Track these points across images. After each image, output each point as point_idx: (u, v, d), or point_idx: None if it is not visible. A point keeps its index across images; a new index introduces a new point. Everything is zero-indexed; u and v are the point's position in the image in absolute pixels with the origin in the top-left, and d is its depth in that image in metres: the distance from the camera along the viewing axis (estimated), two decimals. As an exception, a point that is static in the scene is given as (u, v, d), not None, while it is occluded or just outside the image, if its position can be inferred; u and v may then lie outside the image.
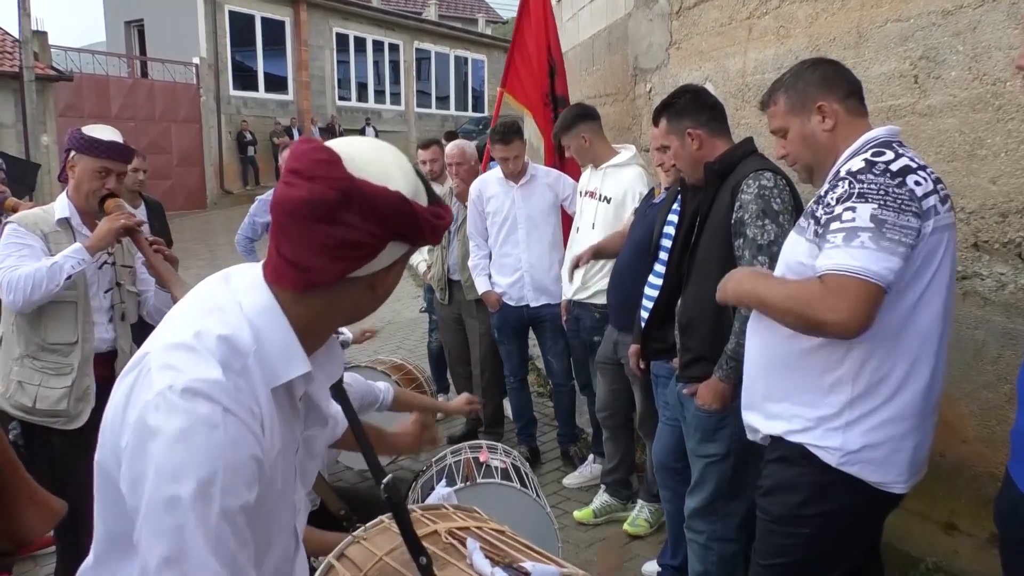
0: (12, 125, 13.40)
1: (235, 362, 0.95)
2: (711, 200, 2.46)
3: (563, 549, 3.35)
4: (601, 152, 3.71)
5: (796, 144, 1.93)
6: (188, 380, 0.90)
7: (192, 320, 0.99)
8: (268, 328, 0.99)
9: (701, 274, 2.46)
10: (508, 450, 3.09)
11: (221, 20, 17.79)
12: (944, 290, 1.75)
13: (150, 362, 0.95)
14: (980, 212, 2.54)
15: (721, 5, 3.70)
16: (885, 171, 1.68)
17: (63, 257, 2.51)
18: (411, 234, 1.00)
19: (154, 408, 0.90)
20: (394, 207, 0.97)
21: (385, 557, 1.55)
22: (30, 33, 12.94)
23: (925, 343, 1.75)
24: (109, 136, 2.63)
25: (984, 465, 2.60)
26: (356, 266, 0.98)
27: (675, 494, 2.86)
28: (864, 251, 1.61)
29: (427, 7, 26.97)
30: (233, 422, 0.90)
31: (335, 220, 0.95)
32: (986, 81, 2.48)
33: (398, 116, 22.65)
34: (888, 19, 2.80)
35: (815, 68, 1.93)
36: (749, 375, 2.02)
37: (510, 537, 1.68)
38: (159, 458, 0.87)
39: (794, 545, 1.89)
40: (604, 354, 3.51)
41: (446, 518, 1.73)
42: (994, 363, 2.54)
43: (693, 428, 2.55)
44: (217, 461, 0.88)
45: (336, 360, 1.16)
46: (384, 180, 0.98)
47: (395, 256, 1.02)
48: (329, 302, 1.03)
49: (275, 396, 1.00)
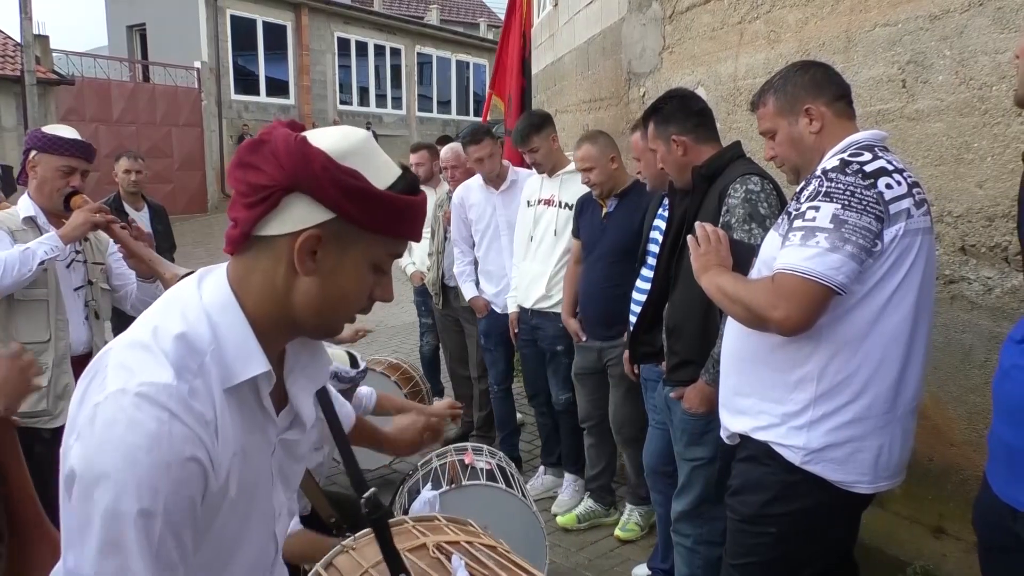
0: (13, 129, 13.44)
1: (191, 361, 0.94)
2: (699, 204, 2.47)
3: (554, 553, 3.36)
4: (559, 159, 3.71)
5: (784, 146, 1.95)
6: (138, 384, 0.90)
7: (155, 316, 0.98)
8: (226, 324, 0.98)
9: (688, 278, 2.45)
10: (493, 451, 3.09)
11: (223, 24, 17.83)
12: (916, 293, 1.75)
13: (108, 360, 0.95)
14: (967, 216, 2.55)
15: (713, 10, 3.71)
16: (858, 171, 1.70)
17: (36, 243, 2.49)
18: (317, 191, 0.94)
19: (103, 412, 0.89)
20: (292, 150, 0.93)
21: (371, 569, 1.53)
22: (32, 37, 12.98)
23: (892, 345, 1.76)
24: (71, 135, 2.64)
25: (972, 469, 2.59)
26: (257, 214, 0.95)
27: (666, 498, 2.86)
28: (816, 251, 1.64)
29: (429, 12, 27.02)
30: (179, 428, 0.89)
31: (246, 163, 0.95)
32: (973, 85, 2.49)
33: (399, 120, 22.69)
34: (876, 24, 2.81)
35: (804, 71, 1.94)
36: (723, 370, 2.04)
37: (501, 554, 1.65)
38: (103, 474, 0.87)
39: (762, 544, 1.90)
40: (584, 365, 3.51)
41: (438, 531, 1.71)
42: (981, 367, 2.54)
43: (680, 432, 2.55)
44: (160, 479, 0.87)
45: (320, 365, 1.15)
46: (316, 138, 0.96)
47: (309, 220, 0.95)
48: (267, 282, 0.99)
49: (236, 396, 0.98)
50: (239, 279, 1.01)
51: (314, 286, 0.98)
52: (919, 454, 2.78)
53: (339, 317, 1.05)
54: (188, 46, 17.34)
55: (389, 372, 4.38)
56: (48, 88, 13.94)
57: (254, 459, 1.03)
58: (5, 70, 13.46)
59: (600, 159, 3.22)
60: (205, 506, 0.94)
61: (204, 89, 17.40)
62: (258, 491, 1.05)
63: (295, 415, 1.11)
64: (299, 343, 1.11)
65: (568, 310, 3.50)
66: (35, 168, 2.59)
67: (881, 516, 2.85)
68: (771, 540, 1.87)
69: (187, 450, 0.90)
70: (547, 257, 3.65)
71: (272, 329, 1.02)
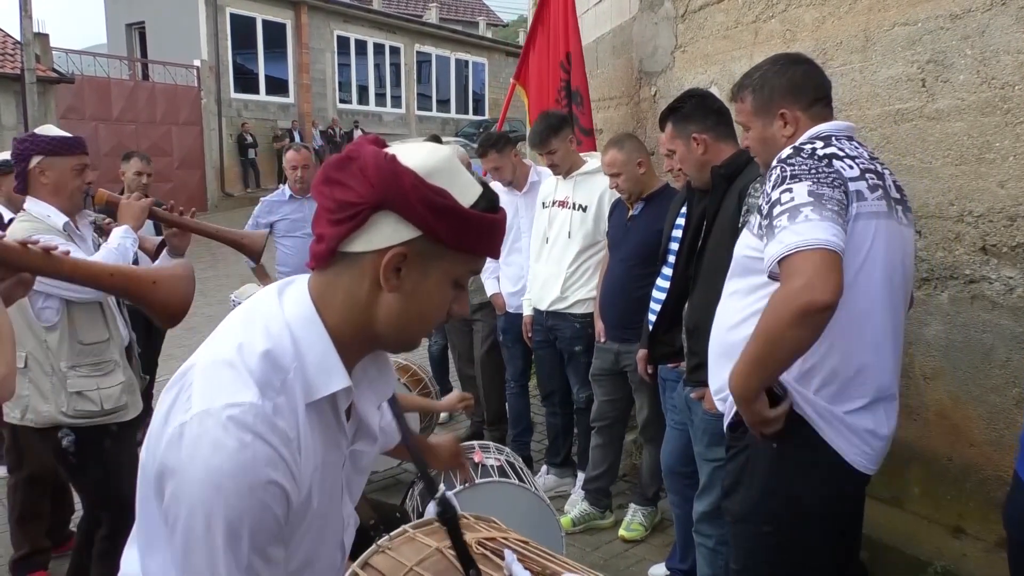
0: (13, 127, 13.40)
1: (275, 378, 0.94)
2: (718, 204, 2.46)
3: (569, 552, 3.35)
4: (575, 159, 3.71)
5: (756, 143, 1.99)
6: (223, 404, 0.90)
7: (239, 331, 0.99)
8: (307, 339, 0.98)
9: (708, 278, 2.46)
10: (500, 447, 3.09)
11: (222, 23, 17.81)
12: (879, 283, 1.75)
13: (192, 377, 0.95)
14: (988, 216, 2.54)
15: (727, 8, 3.69)
16: (812, 154, 1.73)
17: (118, 239, 2.52)
18: (405, 209, 0.93)
19: (189, 432, 0.90)
20: (383, 168, 0.93)
21: (416, 567, 1.53)
22: (32, 35, 12.94)
23: (859, 332, 1.74)
24: (66, 134, 2.61)
25: (992, 469, 2.59)
26: (345, 231, 0.95)
27: (684, 498, 2.86)
28: (809, 223, 1.59)
29: (428, 10, 27.03)
30: (263, 449, 0.90)
31: (334, 180, 0.95)
32: (994, 85, 2.48)
33: (399, 119, 22.68)
34: (896, 23, 2.80)
35: (783, 72, 1.92)
36: (715, 359, 2.06)
37: (535, 548, 1.66)
38: (190, 495, 0.89)
39: (761, 547, 1.87)
40: (602, 366, 3.50)
41: (470, 528, 1.71)
42: (1002, 367, 2.54)
43: (701, 432, 2.55)
44: (244, 501, 0.88)
45: (388, 378, 1.16)
46: (403, 155, 0.96)
47: (396, 238, 0.95)
48: (350, 298, 0.99)
49: (316, 411, 0.98)
50: (321, 294, 1.01)
51: (397, 302, 0.99)
52: (938, 454, 2.78)
53: (419, 331, 1.06)
54: (188, 44, 17.32)
55: (399, 375, 4.37)
56: (48, 86, 13.90)
57: (330, 471, 1.04)
58: (5, 68, 13.43)
59: (627, 164, 3.21)
60: (290, 520, 0.95)
61: (204, 87, 17.38)
62: (331, 503, 1.06)
63: (359, 427, 1.11)
64: (368, 356, 1.11)
65: (598, 310, 3.52)
66: (45, 173, 2.52)
67: (900, 516, 2.85)
68: (771, 541, 1.84)
69: (270, 472, 0.90)
70: (560, 259, 3.65)
71: (352, 344, 1.02)
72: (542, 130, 3.62)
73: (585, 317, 3.61)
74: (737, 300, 1.98)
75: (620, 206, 3.42)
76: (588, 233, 3.58)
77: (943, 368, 2.72)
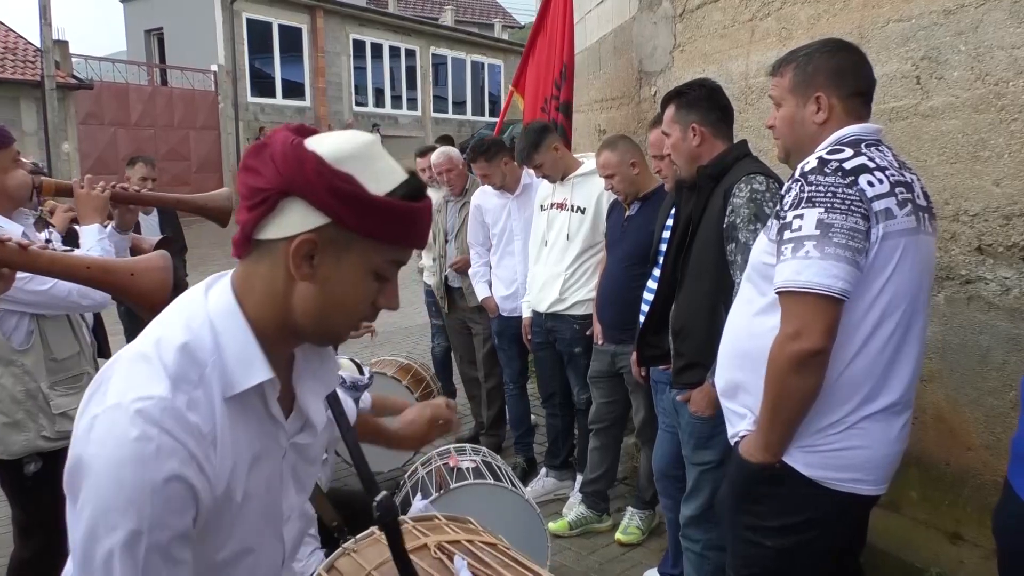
0: (34, 133, 13.64)
1: (192, 372, 0.94)
2: (704, 204, 2.43)
3: (564, 556, 3.33)
4: (570, 162, 3.70)
5: (784, 122, 1.90)
6: (133, 398, 0.90)
7: (162, 325, 0.99)
8: (228, 332, 0.97)
9: (694, 279, 2.43)
10: (477, 448, 3.09)
11: (239, 28, 17.97)
12: (900, 309, 1.69)
13: (112, 371, 0.96)
14: (984, 215, 2.49)
15: (724, 7, 3.66)
16: (837, 170, 1.64)
17: (92, 244, 2.32)
18: (311, 195, 0.92)
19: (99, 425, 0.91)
20: (287, 154, 0.92)
21: (373, 572, 1.54)
22: (51, 42, 13.17)
23: (877, 349, 1.69)
24: None
25: (990, 473, 2.53)
26: (256, 217, 0.95)
27: (675, 502, 2.82)
28: (808, 262, 1.58)
29: (443, 12, 27.06)
30: (167, 443, 0.89)
31: (248, 167, 0.96)
32: (989, 81, 2.43)
33: (415, 121, 22.74)
34: (890, 19, 2.75)
35: (833, 54, 1.84)
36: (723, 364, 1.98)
37: (502, 551, 1.65)
38: (95, 488, 0.89)
39: (760, 555, 1.84)
40: (599, 368, 3.47)
41: (438, 530, 1.71)
42: (999, 369, 2.48)
43: (688, 435, 2.52)
44: (145, 498, 0.88)
45: (329, 369, 1.15)
46: (315, 142, 0.96)
47: (304, 225, 0.93)
48: (268, 287, 0.99)
49: (240, 404, 0.98)
50: (242, 284, 1.01)
51: (312, 292, 0.98)
52: (935, 458, 2.72)
53: (339, 324, 1.03)
54: (205, 49, 17.51)
55: (400, 375, 4.36)
56: (67, 92, 14.15)
57: (263, 464, 1.03)
58: (25, 75, 13.65)
59: (620, 166, 3.19)
60: (207, 515, 0.95)
61: (221, 92, 17.55)
62: (267, 495, 1.05)
63: (305, 419, 1.11)
64: (308, 347, 1.10)
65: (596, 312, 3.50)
66: None
67: (897, 521, 2.79)
68: (770, 552, 1.82)
69: (175, 466, 0.89)
70: (559, 260, 3.63)
71: (275, 335, 1.01)
72: (523, 148, 3.62)
73: (584, 318, 3.59)
74: (756, 308, 1.86)
75: (618, 206, 3.40)
76: (587, 235, 3.57)
77: (940, 371, 2.66)
